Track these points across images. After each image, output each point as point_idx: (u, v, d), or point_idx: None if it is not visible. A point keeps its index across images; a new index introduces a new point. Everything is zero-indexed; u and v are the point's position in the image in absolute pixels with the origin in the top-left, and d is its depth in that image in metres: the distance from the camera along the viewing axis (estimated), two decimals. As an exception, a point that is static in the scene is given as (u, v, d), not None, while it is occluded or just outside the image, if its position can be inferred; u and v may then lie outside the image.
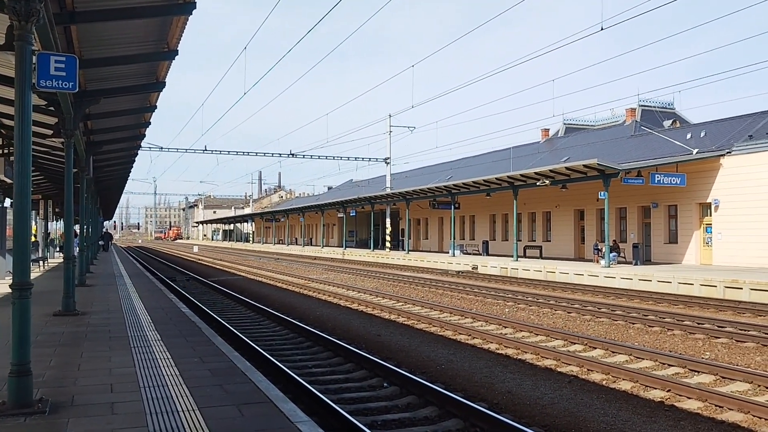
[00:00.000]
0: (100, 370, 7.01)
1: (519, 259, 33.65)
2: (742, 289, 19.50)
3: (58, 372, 6.89)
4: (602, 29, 18.06)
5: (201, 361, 7.56)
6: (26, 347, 5.35)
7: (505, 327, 13.94)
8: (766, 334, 12.72)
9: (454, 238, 41.94)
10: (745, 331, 13.13)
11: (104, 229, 62.85)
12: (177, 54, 10.30)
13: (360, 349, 10.76)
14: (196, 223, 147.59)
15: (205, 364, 7.35)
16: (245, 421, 5.13)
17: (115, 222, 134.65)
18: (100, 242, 46.36)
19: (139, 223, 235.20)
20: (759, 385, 8.63)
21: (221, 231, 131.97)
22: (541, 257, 37.16)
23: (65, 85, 6.09)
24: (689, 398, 8.03)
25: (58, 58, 6.05)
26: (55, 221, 48.24)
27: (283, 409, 5.48)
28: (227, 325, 13.01)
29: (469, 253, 43.26)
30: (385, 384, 8.81)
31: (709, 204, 29.22)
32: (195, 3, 8.43)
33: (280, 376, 8.71)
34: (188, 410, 5.42)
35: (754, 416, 7.25)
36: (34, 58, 5.79)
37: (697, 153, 29.68)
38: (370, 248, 53.29)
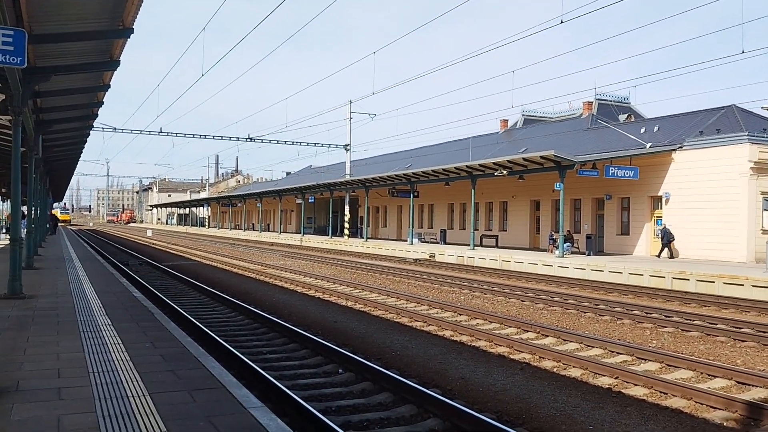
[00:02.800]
0: (47, 354, 6.83)
1: (475, 247, 34.02)
2: (689, 280, 20.13)
3: (2, 357, 6.67)
4: (562, 22, 18.28)
5: (153, 346, 7.43)
6: (-32, 331, 5.16)
7: (460, 314, 14.09)
8: (710, 323, 13.18)
9: (413, 227, 42.13)
10: (690, 320, 13.57)
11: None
12: (132, 32, 10.01)
13: (316, 336, 10.73)
14: (150, 206, 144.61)
15: (157, 350, 7.23)
16: (197, 407, 5.06)
17: (65, 204, 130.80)
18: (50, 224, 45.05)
19: (90, 206, 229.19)
20: (702, 373, 8.94)
21: (176, 215, 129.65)
22: (497, 246, 37.65)
23: (13, 60, 5.86)
24: (636, 385, 8.26)
25: (5, 31, 5.80)
26: (1, 202, 46.70)
27: (236, 394, 5.43)
28: (181, 311, 12.81)
29: (427, 242, 43.53)
30: (340, 370, 8.82)
31: (660, 197, 30.02)
32: (151, -20, 8.18)
33: (233, 361, 8.63)
34: (139, 395, 5.33)
35: (696, 402, 7.50)
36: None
37: (650, 147, 30.40)
38: (328, 235, 53.14)
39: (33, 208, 22.65)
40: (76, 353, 6.92)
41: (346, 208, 51.02)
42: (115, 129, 46.06)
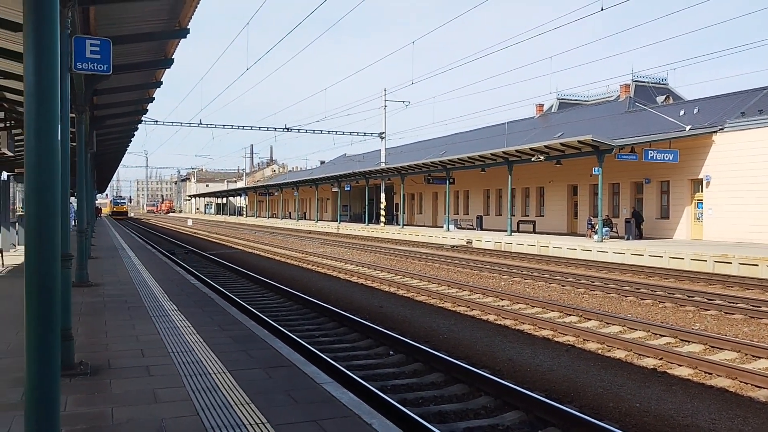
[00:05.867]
0: (127, 337, 7.40)
1: (513, 233, 34.15)
2: (731, 263, 20.06)
3: (88, 339, 7.27)
4: (602, 9, 18.23)
5: (221, 329, 7.96)
6: (68, 313, 5.72)
7: (502, 299, 14.39)
8: (753, 306, 13.24)
9: (449, 213, 42.37)
10: (733, 303, 13.64)
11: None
12: (188, 32, 10.51)
13: (364, 320, 11.18)
14: (189, 196, 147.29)
15: (224, 332, 7.75)
16: (274, 382, 5.54)
17: (107, 195, 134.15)
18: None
19: (130, 197, 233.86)
20: (746, 354, 9.13)
21: (214, 205, 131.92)
22: (534, 232, 37.67)
23: (100, 67, 6.37)
24: (680, 365, 8.51)
25: (93, 41, 6.31)
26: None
27: (307, 371, 5.90)
28: (234, 297, 13.38)
29: (463, 228, 43.72)
30: (390, 352, 9.23)
31: (701, 180, 29.71)
32: (210, -16, 8.62)
33: (291, 345, 9.10)
34: (219, 372, 5.83)
35: (741, 382, 7.73)
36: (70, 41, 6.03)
37: (690, 129, 30.06)
38: (364, 223, 53.67)
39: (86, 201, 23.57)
40: (152, 335, 7.48)
41: (382, 195, 51.45)
42: (156, 122, 47.20)
